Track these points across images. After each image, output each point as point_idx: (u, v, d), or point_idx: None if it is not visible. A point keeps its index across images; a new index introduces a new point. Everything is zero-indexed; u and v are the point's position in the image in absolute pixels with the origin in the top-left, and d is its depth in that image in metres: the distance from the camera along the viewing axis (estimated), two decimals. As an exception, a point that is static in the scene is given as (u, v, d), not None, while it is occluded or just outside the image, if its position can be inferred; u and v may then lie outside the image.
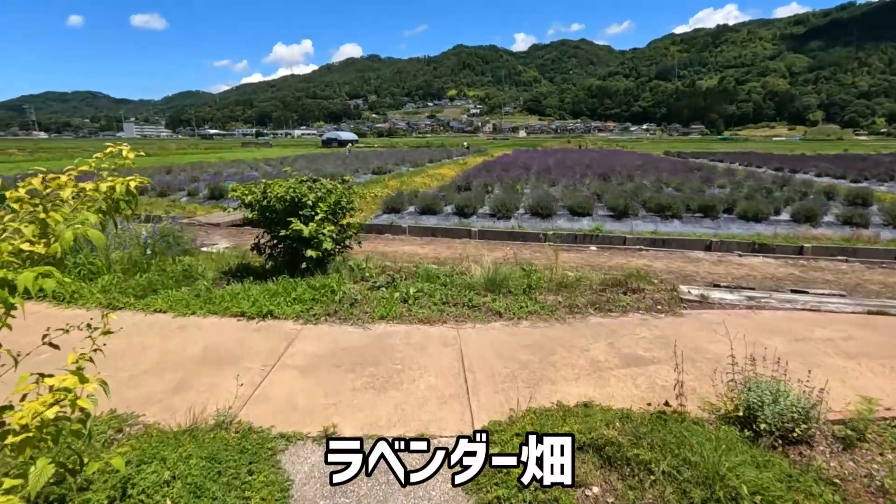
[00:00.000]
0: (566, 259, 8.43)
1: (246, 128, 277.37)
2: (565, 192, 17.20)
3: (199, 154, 59.56)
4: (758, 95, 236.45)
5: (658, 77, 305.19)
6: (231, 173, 27.59)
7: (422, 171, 29.25)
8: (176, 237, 6.11)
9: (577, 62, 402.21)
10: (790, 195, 15.89)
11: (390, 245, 9.56)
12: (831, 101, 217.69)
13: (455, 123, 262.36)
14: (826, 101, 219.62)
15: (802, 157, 42.96)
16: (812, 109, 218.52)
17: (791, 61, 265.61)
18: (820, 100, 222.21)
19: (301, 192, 4.98)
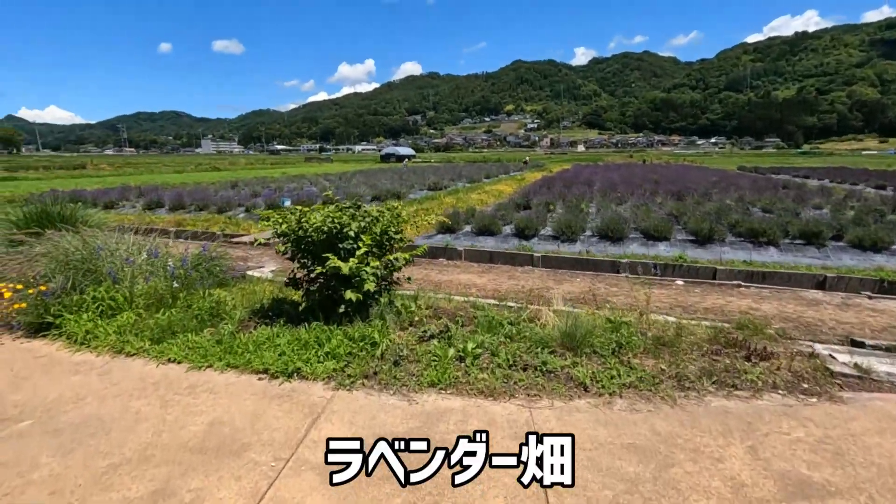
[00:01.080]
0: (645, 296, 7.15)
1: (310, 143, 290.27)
2: (636, 212, 15.68)
3: (265, 169, 62.17)
4: (843, 106, 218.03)
5: (728, 88, 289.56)
6: (291, 188, 28.06)
7: (478, 187, 28.42)
8: (211, 265, 5.52)
9: (640, 74, 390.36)
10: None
11: (445, 272, 8.66)
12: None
13: (512, 138, 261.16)
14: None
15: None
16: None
17: (882, 69, 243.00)
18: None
19: (341, 221, 4.18)
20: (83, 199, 20.44)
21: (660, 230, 12.36)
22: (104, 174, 47.51)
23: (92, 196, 20.79)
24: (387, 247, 4.60)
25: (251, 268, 8.48)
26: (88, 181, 35.26)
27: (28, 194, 22.59)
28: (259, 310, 4.80)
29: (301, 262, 4.49)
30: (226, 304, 4.76)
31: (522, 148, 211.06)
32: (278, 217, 4.45)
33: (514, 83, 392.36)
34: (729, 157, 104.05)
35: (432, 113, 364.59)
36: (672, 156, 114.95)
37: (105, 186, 26.57)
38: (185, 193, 21.25)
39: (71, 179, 38.47)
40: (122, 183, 29.30)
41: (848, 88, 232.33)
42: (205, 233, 13.21)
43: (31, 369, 3.74)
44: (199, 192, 22.07)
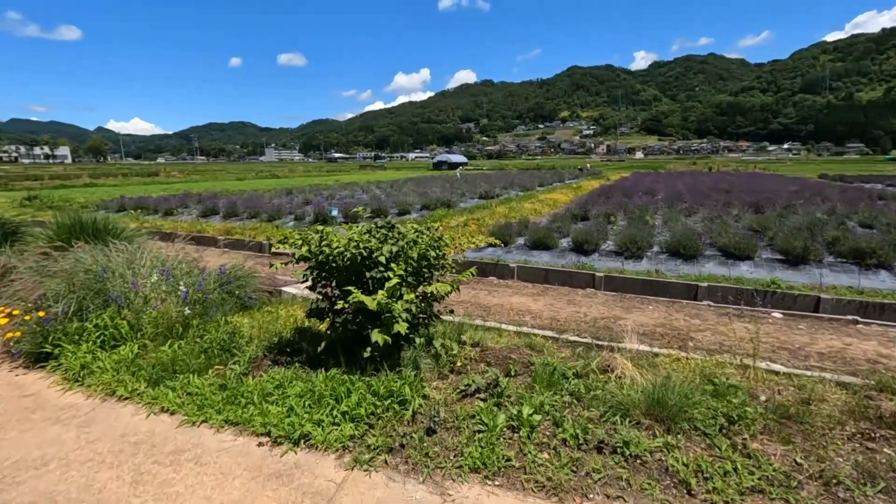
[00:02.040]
0: (741, 333, 5.94)
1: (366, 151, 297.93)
2: (710, 226, 14.07)
3: (320, 177, 63.72)
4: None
5: (804, 90, 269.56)
6: (342, 196, 28.11)
7: (531, 195, 27.26)
8: (234, 286, 4.94)
9: (705, 78, 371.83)
10: None
11: (495, 294, 7.76)
12: None
13: (566, 145, 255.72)
14: None
15: None
16: None
17: None
18: None
19: (369, 245, 3.43)
20: (146, 206, 21.23)
21: (741, 247, 10.85)
22: (173, 181, 50.21)
23: (154, 203, 21.54)
24: (425, 275, 3.79)
25: (289, 282, 7.97)
26: (157, 188, 37.19)
27: (100, 200, 23.86)
28: (277, 344, 4.13)
29: (321, 292, 3.78)
30: (242, 336, 4.13)
31: (577, 155, 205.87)
32: (298, 238, 3.77)
33: (569, 89, 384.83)
34: (805, 165, 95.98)
35: (485, 120, 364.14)
36: (740, 163, 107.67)
37: (169, 193, 27.69)
38: (240, 201, 21.58)
39: (143, 186, 40.81)
40: (185, 190, 30.51)
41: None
42: (252, 241, 13.04)
43: (10, 414, 3.24)
44: (254, 200, 22.39)
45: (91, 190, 35.67)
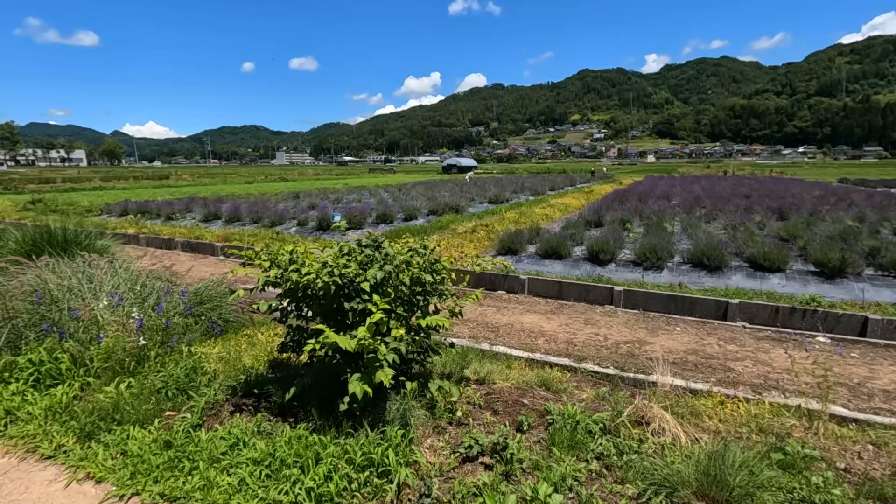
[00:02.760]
0: (784, 363, 5.19)
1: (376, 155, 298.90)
2: (734, 234, 13.23)
3: (329, 180, 63.47)
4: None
5: (819, 93, 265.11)
6: (349, 200, 27.61)
7: (542, 200, 26.51)
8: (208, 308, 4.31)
9: (718, 80, 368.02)
10: None
11: (503, 311, 7.06)
12: None
13: (577, 148, 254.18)
14: None
15: None
16: None
17: None
18: None
19: (348, 272, 2.77)
20: (149, 211, 20.85)
21: (771, 258, 10.03)
22: (182, 184, 50.17)
23: (157, 207, 21.15)
24: (419, 303, 3.12)
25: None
26: (165, 191, 37.01)
27: (104, 204, 23.55)
28: (245, 382, 3.48)
29: (291, 326, 3.13)
30: (204, 372, 3.49)
31: (588, 158, 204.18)
32: (266, 257, 3.12)
33: (580, 92, 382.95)
34: (823, 169, 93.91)
35: (495, 124, 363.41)
36: (755, 166, 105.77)
37: (175, 197, 27.39)
38: (245, 205, 21.12)
39: (151, 189, 40.70)
40: (191, 194, 30.22)
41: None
42: (249, 248, 12.48)
43: None
44: (259, 204, 21.94)
45: (99, 193, 35.58)
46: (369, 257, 2.94)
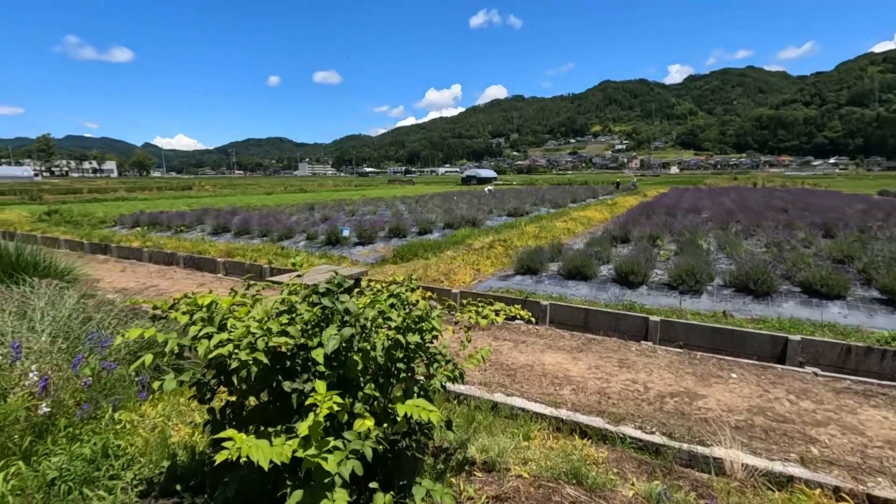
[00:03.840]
0: (882, 430, 4.11)
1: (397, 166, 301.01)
2: (778, 252, 11.98)
3: (348, 191, 63.40)
4: None
5: (851, 103, 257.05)
6: (364, 212, 26.99)
7: (564, 213, 25.43)
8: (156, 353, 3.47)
9: (743, 91, 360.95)
10: None
11: (521, 346, 6.09)
12: None
13: (598, 160, 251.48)
14: None
15: None
16: None
17: None
18: None
19: (287, 341, 1.87)
20: (160, 223, 20.51)
21: (829, 283, 8.82)
22: (202, 195, 50.57)
23: (168, 219, 20.82)
24: (400, 375, 2.21)
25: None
26: (184, 202, 37.10)
27: (119, 215, 23.39)
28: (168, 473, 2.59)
29: (212, 410, 2.24)
30: (120, 453, 2.64)
31: (609, 170, 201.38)
32: (185, 307, 2.25)
33: (601, 104, 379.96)
34: (858, 180, 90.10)
35: (516, 135, 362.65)
36: (785, 178, 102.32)
37: (190, 208, 27.19)
38: (256, 217, 20.64)
39: (171, 200, 40.94)
40: (208, 205, 30.05)
41: None
42: (252, 265, 11.78)
43: None
44: (271, 217, 21.43)
45: (119, 204, 35.84)
46: (327, 312, 2.06)
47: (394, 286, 2.50)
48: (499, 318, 2.40)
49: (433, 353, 2.30)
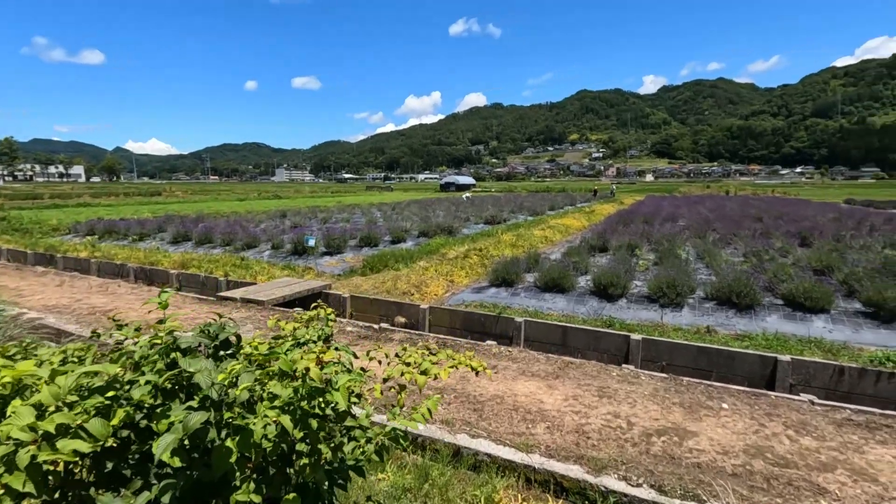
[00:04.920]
0: (892, 475, 3.63)
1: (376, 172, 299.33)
2: (758, 263, 11.70)
3: (324, 197, 62.27)
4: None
5: (815, 114, 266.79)
6: (338, 219, 26.16)
7: (541, 220, 25.08)
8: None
9: (714, 102, 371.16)
10: None
11: (493, 373, 5.48)
12: None
13: (576, 167, 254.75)
14: None
15: None
16: None
17: None
18: None
19: (90, 447, 1.21)
20: (117, 231, 19.29)
21: (812, 296, 8.49)
22: (171, 201, 48.80)
23: (126, 227, 19.66)
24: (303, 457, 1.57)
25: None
26: (149, 208, 35.54)
27: (73, 223, 22.04)
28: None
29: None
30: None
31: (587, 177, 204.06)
32: None
33: (578, 112, 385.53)
34: (824, 189, 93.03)
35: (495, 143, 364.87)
36: (755, 186, 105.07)
37: (154, 215, 25.92)
38: (221, 225, 19.66)
39: (136, 206, 39.22)
40: (174, 212, 28.80)
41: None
42: (208, 278, 10.92)
43: None
44: (237, 224, 20.47)
45: (79, 210, 34.07)
46: (177, 382, 1.40)
47: (303, 330, 1.85)
48: (443, 374, 1.80)
49: (349, 426, 1.68)
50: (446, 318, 8.07)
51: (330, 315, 2.06)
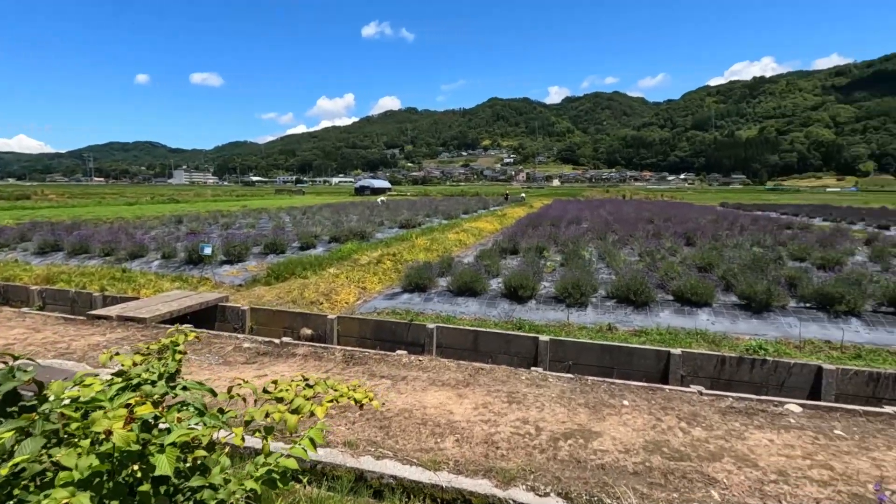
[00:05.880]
0: (769, 458, 3.93)
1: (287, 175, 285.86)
2: (651, 262, 12.66)
3: (228, 201, 58.32)
4: (801, 145, 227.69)
5: (694, 127, 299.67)
6: (241, 225, 24.46)
7: (456, 224, 25.33)
8: None
9: (611, 113, 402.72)
10: None
11: (400, 385, 5.24)
12: (883, 151, 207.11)
13: (489, 172, 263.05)
14: (877, 152, 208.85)
15: (886, 211, 36.62)
16: (863, 160, 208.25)
17: (836, 111, 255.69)
18: (870, 150, 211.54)
19: None
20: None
21: (698, 292, 9.28)
22: (42, 206, 42.84)
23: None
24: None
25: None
26: (16, 213, 30.80)
27: None
28: None
29: None
30: None
31: (499, 182, 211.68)
32: None
33: (490, 119, 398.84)
34: (703, 193, 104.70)
35: (410, 147, 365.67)
36: (647, 191, 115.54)
37: (16, 222, 22.47)
38: (102, 233, 17.47)
39: None
40: (39, 218, 25.21)
41: (805, 129, 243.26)
42: (80, 293, 9.53)
43: None
44: (122, 231, 18.32)
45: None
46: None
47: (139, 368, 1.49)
48: (319, 412, 1.53)
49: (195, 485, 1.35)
50: (356, 327, 7.70)
51: (179, 346, 1.70)
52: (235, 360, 5.98)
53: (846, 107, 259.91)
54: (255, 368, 5.63)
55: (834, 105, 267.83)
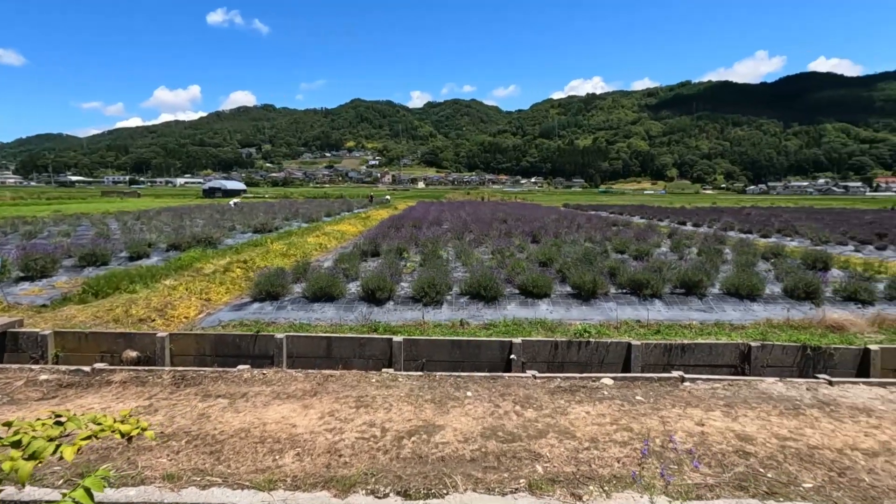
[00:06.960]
0: (588, 428, 4.47)
1: (119, 175, 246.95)
2: (502, 259, 13.64)
3: (36, 205, 48.67)
4: (625, 154, 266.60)
5: (542, 135, 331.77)
6: (52, 233, 20.55)
7: (317, 227, 24.43)
8: None
9: (470, 119, 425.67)
10: (744, 259, 13.78)
11: (239, 404, 4.85)
12: (682, 160, 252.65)
13: (354, 174, 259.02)
14: (679, 161, 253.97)
15: (684, 209, 45.01)
16: (668, 167, 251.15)
17: (649, 126, 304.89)
18: (674, 159, 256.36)
19: None
20: None
21: (539, 285, 10.23)
22: None
23: None
24: None
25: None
26: None
27: None
28: None
29: None
30: None
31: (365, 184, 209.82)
32: None
33: (354, 121, 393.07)
34: (550, 195, 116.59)
35: (269, 146, 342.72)
36: (503, 193, 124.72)
37: None
38: None
39: None
40: None
41: (627, 141, 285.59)
42: None
43: None
44: None
45: None
46: None
47: None
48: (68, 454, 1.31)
49: None
50: (192, 344, 6.94)
51: None
52: (28, 396, 4.97)
53: (656, 123, 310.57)
54: (54, 404, 4.73)
55: (647, 121, 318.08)
